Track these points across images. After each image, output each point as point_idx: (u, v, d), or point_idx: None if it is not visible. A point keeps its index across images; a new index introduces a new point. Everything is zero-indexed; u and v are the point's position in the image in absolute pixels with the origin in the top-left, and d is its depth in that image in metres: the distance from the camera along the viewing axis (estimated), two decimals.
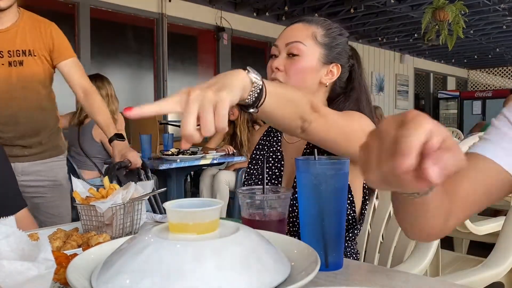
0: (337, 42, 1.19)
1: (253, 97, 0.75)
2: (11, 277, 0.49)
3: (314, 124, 0.89)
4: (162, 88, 7.13)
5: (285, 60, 1.16)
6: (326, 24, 1.20)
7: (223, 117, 0.64)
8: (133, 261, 0.56)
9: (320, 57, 1.17)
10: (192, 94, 0.64)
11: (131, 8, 6.69)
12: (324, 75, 1.18)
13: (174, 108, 0.65)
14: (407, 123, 0.47)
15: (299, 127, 0.88)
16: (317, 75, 1.18)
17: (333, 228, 0.77)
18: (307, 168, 0.79)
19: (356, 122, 1.05)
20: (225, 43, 7.95)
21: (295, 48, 1.15)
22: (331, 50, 1.18)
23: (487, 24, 9.00)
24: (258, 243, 0.61)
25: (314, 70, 1.16)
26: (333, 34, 1.19)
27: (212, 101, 0.64)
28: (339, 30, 1.22)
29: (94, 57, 6.32)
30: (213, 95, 0.65)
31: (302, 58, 1.15)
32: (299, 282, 0.56)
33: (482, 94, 13.13)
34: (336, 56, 1.19)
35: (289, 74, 1.16)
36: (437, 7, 6.18)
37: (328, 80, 1.19)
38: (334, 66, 1.19)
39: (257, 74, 0.76)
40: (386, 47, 11.37)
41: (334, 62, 1.19)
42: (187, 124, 0.63)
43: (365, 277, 0.72)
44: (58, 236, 0.87)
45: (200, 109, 0.63)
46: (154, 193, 1.06)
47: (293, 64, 1.15)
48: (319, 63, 1.17)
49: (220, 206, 0.61)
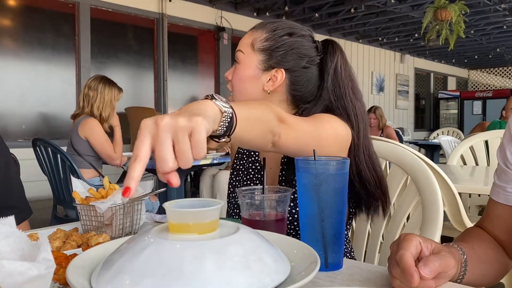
0: (280, 44, 1.12)
1: (224, 127, 0.68)
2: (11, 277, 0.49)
3: (283, 136, 0.85)
4: (162, 88, 7.13)
5: (233, 69, 1.17)
6: (273, 26, 1.14)
7: (201, 144, 0.56)
8: (133, 261, 0.56)
9: (258, 64, 1.13)
10: (161, 123, 0.55)
11: (131, 8, 6.69)
12: (266, 82, 1.13)
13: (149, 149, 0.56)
14: (400, 242, 0.67)
15: (269, 143, 0.84)
16: (258, 83, 1.13)
17: (333, 228, 0.77)
18: (307, 168, 0.79)
19: (326, 124, 1.01)
20: (225, 43, 7.95)
21: (237, 57, 1.15)
22: (271, 55, 1.12)
23: (487, 24, 9.00)
24: (258, 243, 0.61)
25: (253, 78, 1.13)
26: (276, 37, 1.12)
27: (186, 128, 0.56)
28: (288, 30, 1.14)
29: (94, 57, 6.33)
30: (186, 121, 0.56)
31: (242, 67, 1.14)
32: (299, 282, 0.56)
33: (483, 94, 13.13)
34: (279, 61, 1.12)
35: (232, 83, 1.16)
36: (438, 7, 6.18)
37: (271, 87, 1.13)
38: (277, 71, 1.13)
39: (225, 102, 0.69)
40: (386, 47, 11.37)
41: (275, 67, 1.12)
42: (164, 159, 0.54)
43: (365, 277, 0.72)
44: (57, 236, 0.87)
45: (174, 139, 0.56)
46: (154, 193, 1.06)
47: (235, 73, 1.15)
48: (258, 70, 1.13)
49: (220, 206, 0.61)
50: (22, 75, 5.72)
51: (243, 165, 1.27)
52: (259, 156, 1.23)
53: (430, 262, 0.63)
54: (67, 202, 3.02)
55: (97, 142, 3.05)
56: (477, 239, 0.87)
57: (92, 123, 3.03)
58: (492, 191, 0.92)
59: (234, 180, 1.27)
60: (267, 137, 0.81)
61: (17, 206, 1.25)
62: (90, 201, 0.95)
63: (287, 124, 0.86)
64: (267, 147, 0.85)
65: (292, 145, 0.89)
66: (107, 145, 3.08)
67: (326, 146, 0.98)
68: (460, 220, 1.88)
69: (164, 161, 0.55)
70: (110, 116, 3.13)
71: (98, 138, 3.04)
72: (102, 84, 3.11)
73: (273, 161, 1.18)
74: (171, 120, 0.56)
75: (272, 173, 1.19)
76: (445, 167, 2.65)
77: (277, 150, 0.89)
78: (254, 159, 1.24)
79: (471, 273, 0.75)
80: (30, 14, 5.77)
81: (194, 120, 0.57)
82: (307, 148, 0.91)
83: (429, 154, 6.43)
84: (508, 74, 14.62)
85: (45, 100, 5.94)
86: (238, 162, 1.29)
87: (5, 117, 5.57)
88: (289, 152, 0.94)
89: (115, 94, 3.14)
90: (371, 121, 5.95)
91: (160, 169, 0.55)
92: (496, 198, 0.90)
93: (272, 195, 0.86)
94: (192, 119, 0.57)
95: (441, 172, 1.66)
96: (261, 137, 0.80)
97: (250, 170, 1.23)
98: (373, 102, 10.36)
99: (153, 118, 0.57)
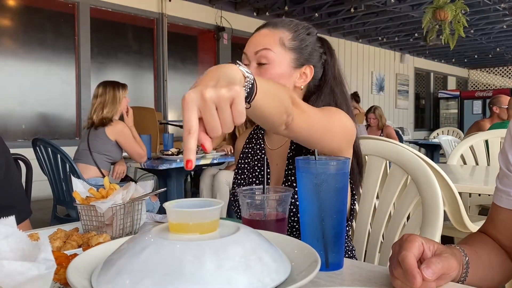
0: (306, 43, 1.17)
1: (245, 92, 0.69)
2: (11, 278, 0.49)
3: (296, 119, 0.85)
4: (162, 88, 7.13)
5: (256, 70, 1.13)
6: (292, 26, 1.17)
7: (242, 112, 0.61)
8: (133, 261, 0.56)
9: (291, 62, 1.14)
10: (207, 96, 0.59)
11: (131, 8, 6.69)
12: (298, 79, 1.16)
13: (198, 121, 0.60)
14: (402, 243, 0.68)
15: (283, 123, 0.83)
16: (290, 80, 1.15)
17: (333, 228, 0.77)
18: (307, 168, 0.79)
19: (336, 116, 1.04)
20: (225, 43, 7.95)
21: (263, 57, 1.12)
22: (301, 53, 1.16)
23: (487, 24, 9.00)
24: (258, 243, 0.61)
25: (286, 76, 1.14)
26: (301, 36, 1.16)
27: (228, 98, 0.60)
28: (305, 30, 1.18)
29: (94, 57, 6.33)
30: (227, 92, 0.60)
31: (273, 66, 1.12)
32: (299, 282, 0.56)
33: (483, 93, 13.14)
34: (307, 58, 1.17)
35: None
36: (437, 7, 6.18)
37: (302, 83, 1.17)
38: (306, 68, 1.17)
39: (248, 68, 0.73)
40: (386, 47, 11.37)
41: (305, 64, 1.17)
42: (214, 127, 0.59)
43: (365, 277, 0.72)
44: (58, 236, 0.87)
45: (218, 108, 0.60)
46: (155, 193, 1.06)
47: (264, 73, 1.12)
48: (290, 68, 1.15)
49: (220, 206, 0.61)
50: (22, 75, 5.72)
51: (248, 163, 1.28)
52: (266, 154, 1.25)
53: (432, 264, 0.63)
54: (67, 202, 3.02)
55: (128, 143, 3.19)
56: (480, 243, 0.86)
57: (120, 125, 3.19)
58: (495, 196, 0.91)
59: (239, 179, 1.28)
60: (282, 116, 0.82)
61: (16, 206, 1.25)
62: (91, 201, 0.95)
63: (301, 109, 0.87)
64: (280, 127, 0.85)
65: (304, 131, 0.90)
66: (136, 144, 3.23)
67: (335, 137, 1.00)
68: (460, 220, 1.88)
69: (214, 129, 0.60)
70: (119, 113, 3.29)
71: (128, 138, 3.19)
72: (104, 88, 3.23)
73: (279, 156, 1.21)
74: (215, 92, 0.60)
75: (279, 168, 1.21)
76: (445, 167, 2.65)
77: (289, 133, 0.89)
78: (260, 157, 1.25)
79: (474, 275, 0.75)
80: (30, 14, 5.76)
81: (234, 89, 0.60)
82: (318, 136, 0.93)
83: (429, 153, 6.43)
84: (508, 73, 14.62)
85: (45, 100, 5.94)
86: (243, 161, 1.29)
87: (5, 117, 5.57)
88: (300, 138, 0.94)
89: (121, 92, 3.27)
90: (370, 121, 5.96)
91: (212, 135, 0.60)
92: (499, 203, 0.89)
93: (272, 195, 0.86)
94: (232, 88, 0.60)
95: (441, 171, 1.66)
96: (277, 114, 0.81)
97: (256, 168, 1.24)
98: (373, 102, 10.36)
99: (197, 91, 0.60)
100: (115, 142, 3.19)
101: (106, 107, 3.18)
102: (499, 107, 4.37)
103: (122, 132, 3.17)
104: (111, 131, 3.15)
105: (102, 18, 6.47)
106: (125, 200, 0.96)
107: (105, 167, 3.22)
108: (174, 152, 3.42)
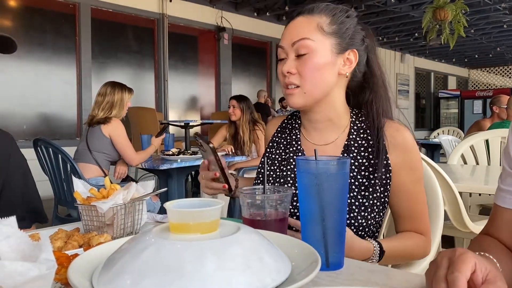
0: (347, 26, 1.08)
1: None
2: (11, 278, 0.49)
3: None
4: (163, 88, 7.13)
5: (295, 62, 1.06)
6: (329, 9, 1.08)
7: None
8: (134, 261, 0.56)
9: (333, 48, 1.06)
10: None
11: (131, 8, 6.69)
12: (342, 66, 1.08)
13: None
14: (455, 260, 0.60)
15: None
16: (334, 68, 1.07)
17: (334, 228, 0.77)
18: (307, 168, 0.79)
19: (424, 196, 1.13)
20: (225, 43, 7.95)
21: (302, 47, 1.05)
22: (342, 37, 1.07)
23: (487, 24, 9.00)
24: (258, 243, 0.61)
25: (330, 64, 1.06)
26: (340, 19, 1.08)
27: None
28: (344, 13, 1.09)
29: (94, 57, 6.33)
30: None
31: (313, 55, 1.04)
32: (299, 282, 0.56)
33: (483, 93, 13.13)
34: (350, 42, 1.08)
35: (303, 75, 1.05)
36: (437, 7, 6.17)
37: (347, 69, 1.09)
38: (350, 53, 1.08)
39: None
40: (386, 47, 11.37)
41: (349, 49, 1.08)
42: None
43: (365, 277, 0.72)
44: (59, 237, 0.87)
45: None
46: (155, 193, 1.06)
47: (305, 64, 1.05)
48: (333, 55, 1.06)
49: (221, 206, 0.61)
50: (23, 76, 5.72)
51: (279, 154, 1.19)
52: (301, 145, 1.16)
53: None
54: (68, 202, 3.02)
55: (119, 141, 3.19)
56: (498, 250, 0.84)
57: (115, 122, 3.20)
58: (497, 197, 0.89)
59: (267, 169, 1.18)
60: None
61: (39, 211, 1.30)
62: (92, 201, 0.95)
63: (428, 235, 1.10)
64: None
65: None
66: (129, 145, 3.24)
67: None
68: (461, 220, 1.88)
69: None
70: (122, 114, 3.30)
71: (121, 137, 3.20)
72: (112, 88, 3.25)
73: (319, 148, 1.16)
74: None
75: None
76: (446, 167, 2.65)
77: None
78: (296, 148, 1.17)
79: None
80: (30, 15, 5.77)
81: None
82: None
83: (430, 153, 6.42)
84: (508, 73, 14.61)
85: (46, 100, 5.95)
86: (274, 151, 1.21)
87: (6, 117, 5.58)
88: None
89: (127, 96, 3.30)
90: None
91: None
92: (502, 204, 0.87)
93: (273, 195, 0.86)
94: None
95: (442, 171, 1.66)
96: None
97: (291, 160, 1.15)
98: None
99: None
100: (110, 140, 3.21)
101: (115, 109, 3.21)
102: (499, 106, 4.37)
103: (116, 129, 3.19)
104: (106, 127, 3.18)
105: (103, 18, 6.48)
106: (126, 200, 0.96)
107: (105, 167, 3.22)
108: (175, 152, 3.42)
